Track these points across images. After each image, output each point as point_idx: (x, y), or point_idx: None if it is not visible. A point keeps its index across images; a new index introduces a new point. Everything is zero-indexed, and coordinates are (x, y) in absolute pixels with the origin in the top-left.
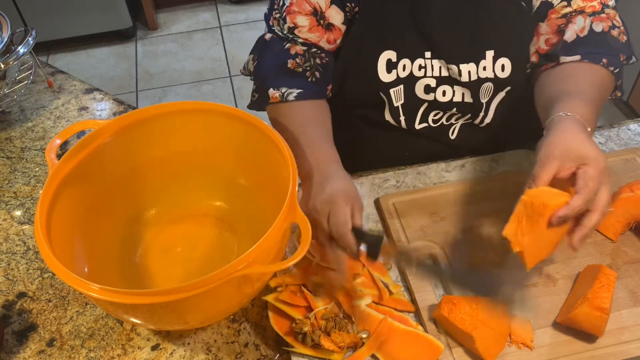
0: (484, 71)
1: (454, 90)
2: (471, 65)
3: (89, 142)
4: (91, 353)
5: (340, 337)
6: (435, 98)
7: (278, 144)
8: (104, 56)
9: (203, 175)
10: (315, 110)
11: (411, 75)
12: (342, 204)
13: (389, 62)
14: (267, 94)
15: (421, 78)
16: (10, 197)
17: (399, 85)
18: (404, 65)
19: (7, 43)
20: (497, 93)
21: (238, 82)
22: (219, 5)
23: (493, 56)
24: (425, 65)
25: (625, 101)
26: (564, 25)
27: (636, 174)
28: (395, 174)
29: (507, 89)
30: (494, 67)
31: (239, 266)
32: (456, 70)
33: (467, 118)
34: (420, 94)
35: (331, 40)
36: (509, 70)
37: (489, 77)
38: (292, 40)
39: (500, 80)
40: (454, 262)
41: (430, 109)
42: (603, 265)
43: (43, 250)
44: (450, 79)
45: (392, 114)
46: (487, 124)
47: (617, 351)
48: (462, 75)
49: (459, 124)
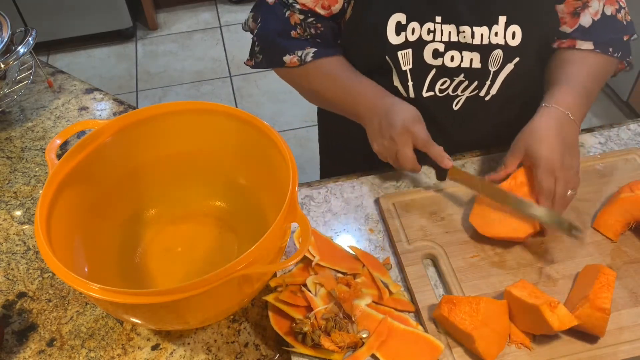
0: (495, 37)
1: (462, 56)
2: (484, 28)
3: (89, 142)
4: (91, 353)
5: (340, 337)
6: (443, 63)
7: (278, 144)
8: (104, 56)
9: (203, 175)
10: (338, 62)
11: (420, 39)
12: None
13: (398, 25)
14: (282, 60)
15: (430, 42)
16: (10, 197)
17: (408, 49)
18: (412, 29)
19: (7, 43)
20: (506, 64)
21: (238, 82)
22: (219, 5)
23: (505, 22)
24: (434, 30)
25: (625, 101)
26: (580, 8)
27: (636, 174)
28: (395, 174)
29: (515, 60)
30: (505, 33)
31: (239, 266)
32: (469, 32)
33: (473, 88)
34: (428, 58)
35: (325, 6)
36: (519, 38)
37: (499, 43)
38: (290, 7)
39: (510, 48)
40: (454, 262)
41: (439, 76)
42: (602, 265)
43: (43, 250)
44: (459, 44)
45: (401, 78)
46: (492, 96)
47: (617, 351)
48: (474, 37)
49: (465, 96)
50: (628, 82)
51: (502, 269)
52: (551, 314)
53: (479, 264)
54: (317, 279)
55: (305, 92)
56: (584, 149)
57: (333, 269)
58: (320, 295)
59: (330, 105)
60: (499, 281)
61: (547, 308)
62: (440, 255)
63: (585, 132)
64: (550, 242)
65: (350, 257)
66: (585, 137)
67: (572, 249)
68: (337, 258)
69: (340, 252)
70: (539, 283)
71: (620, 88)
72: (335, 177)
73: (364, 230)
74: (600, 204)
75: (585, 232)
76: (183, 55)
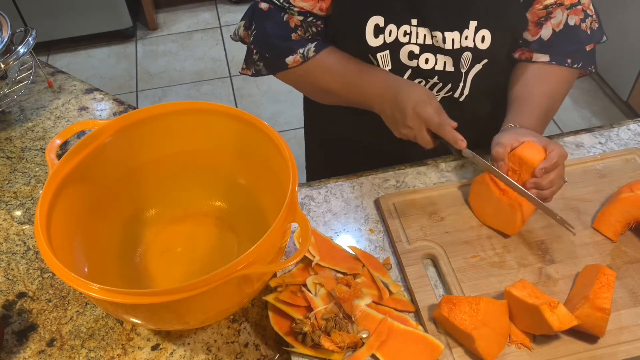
0: (465, 40)
1: (436, 59)
2: (455, 33)
3: (89, 142)
4: (91, 353)
5: (340, 337)
6: (418, 65)
7: (278, 144)
8: (104, 56)
9: (203, 175)
10: (339, 53)
11: (396, 41)
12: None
13: (376, 27)
14: (285, 62)
15: (406, 44)
16: (10, 197)
17: (385, 51)
18: (390, 31)
19: (7, 43)
20: (475, 64)
21: (238, 82)
22: (219, 5)
23: (476, 26)
24: (410, 32)
25: (625, 101)
26: (544, 18)
27: (636, 174)
28: (395, 174)
29: (484, 61)
30: (474, 37)
31: (239, 266)
32: (440, 37)
33: (447, 90)
34: (404, 59)
35: (323, 8)
36: (488, 42)
37: (469, 46)
38: (288, 10)
39: (479, 51)
40: (454, 262)
41: (414, 76)
42: (602, 265)
43: (43, 250)
44: (433, 47)
45: None
46: (465, 96)
47: (617, 351)
48: (445, 42)
49: (440, 96)
50: (628, 82)
51: (502, 269)
52: (551, 314)
53: (479, 264)
54: (317, 279)
55: (310, 90)
56: (584, 149)
57: (333, 269)
58: (320, 295)
59: (337, 99)
60: (499, 281)
61: (547, 308)
62: (440, 255)
63: (585, 132)
64: (551, 242)
65: (350, 257)
66: (585, 137)
67: (572, 249)
68: (337, 258)
69: (340, 252)
70: (539, 283)
71: (620, 88)
72: (335, 177)
73: (364, 230)
74: (600, 204)
75: (585, 232)
76: (183, 55)
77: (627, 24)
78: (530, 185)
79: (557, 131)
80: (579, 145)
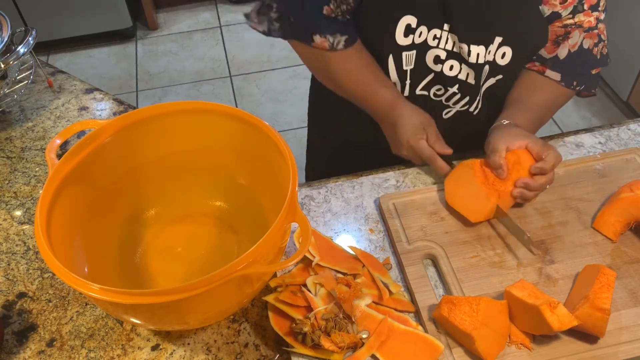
0: (488, 55)
1: (461, 68)
2: (481, 47)
3: (89, 142)
4: (91, 353)
5: (340, 337)
6: (442, 70)
7: (278, 144)
8: (104, 56)
9: (203, 175)
10: (365, 56)
11: (425, 43)
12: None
13: (407, 27)
14: (312, 38)
15: (433, 48)
16: (10, 197)
17: (412, 50)
18: (420, 32)
19: (7, 43)
20: (489, 78)
21: (238, 82)
22: (219, 5)
23: (500, 42)
24: (440, 37)
25: (625, 101)
26: (562, 37)
27: (636, 174)
28: (395, 174)
29: (498, 76)
30: (496, 52)
31: (239, 266)
32: (466, 49)
33: (464, 103)
34: (429, 63)
35: None
36: (508, 58)
37: (489, 60)
38: None
39: (498, 66)
40: (454, 262)
41: (435, 81)
42: (602, 266)
43: (43, 250)
44: (459, 56)
45: (399, 75)
46: (479, 109)
47: (617, 351)
48: (470, 55)
49: (455, 109)
50: (628, 82)
51: (502, 269)
52: (551, 314)
53: (479, 264)
54: (317, 279)
55: (320, 72)
56: (584, 149)
57: (333, 269)
58: (320, 295)
59: (346, 95)
60: (499, 281)
61: (547, 308)
62: (440, 255)
63: (585, 132)
64: (551, 242)
65: (350, 257)
66: (585, 137)
67: (572, 249)
68: (337, 258)
69: (340, 252)
70: (539, 283)
71: (620, 88)
72: (335, 177)
73: (364, 230)
74: (600, 204)
75: (585, 232)
76: (183, 55)
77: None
78: (520, 184)
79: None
80: (579, 145)
